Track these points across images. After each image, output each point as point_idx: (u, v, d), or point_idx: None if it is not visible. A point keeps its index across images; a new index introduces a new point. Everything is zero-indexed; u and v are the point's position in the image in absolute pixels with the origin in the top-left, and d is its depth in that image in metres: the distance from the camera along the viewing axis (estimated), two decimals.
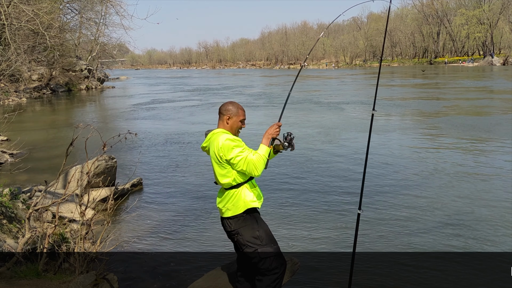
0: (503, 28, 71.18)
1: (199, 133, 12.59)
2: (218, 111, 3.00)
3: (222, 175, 2.87)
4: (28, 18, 16.69)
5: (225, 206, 2.91)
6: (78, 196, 5.26)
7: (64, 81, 36.21)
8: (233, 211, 2.88)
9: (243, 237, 2.87)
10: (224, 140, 2.81)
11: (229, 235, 3.00)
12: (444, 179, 7.17)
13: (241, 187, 2.88)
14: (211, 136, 2.95)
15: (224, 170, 2.86)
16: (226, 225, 2.94)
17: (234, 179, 2.85)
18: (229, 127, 2.94)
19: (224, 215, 2.94)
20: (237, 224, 2.88)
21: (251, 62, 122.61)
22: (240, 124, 2.97)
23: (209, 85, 39.70)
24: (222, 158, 2.82)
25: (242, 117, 2.98)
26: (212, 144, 2.90)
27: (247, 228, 2.87)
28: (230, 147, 2.78)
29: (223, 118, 2.95)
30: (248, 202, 2.87)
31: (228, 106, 2.96)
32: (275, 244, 2.92)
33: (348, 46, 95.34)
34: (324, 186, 6.96)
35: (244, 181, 2.89)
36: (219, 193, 3.01)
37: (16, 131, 12.29)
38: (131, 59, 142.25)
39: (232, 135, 2.89)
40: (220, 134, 2.88)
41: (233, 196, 2.87)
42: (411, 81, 35.89)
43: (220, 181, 2.91)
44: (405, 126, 13.24)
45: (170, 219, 5.81)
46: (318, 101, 21.03)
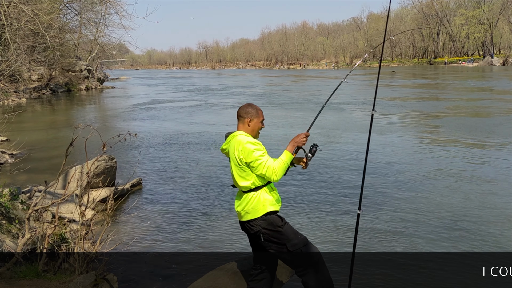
0: (503, 28, 71.19)
1: (199, 134, 12.59)
2: (237, 115, 3.00)
3: (241, 177, 2.88)
4: (28, 19, 16.69)
5: (244, 209, 2.90)
6: (78, 196, 5.26)
7: (64, 82, 36.21)
8: (252, 214, 2.87)
9: (268, 236, 2.86)
10: (245, 143, 2.82)
11: (251, 237, 2.99)
12: (444, 180, 7.17)
13: (260, 190, 2.88)
14: (231, 139, 2.96)
15: (244, 172, 2.86)
16: (248, 228, 2.93)
17: (253, 182, 2.86)
18: (250, 129, 2.96)
19: (243, 219, 2.93)
20: (259, 226, 2.87)
21: (251, 62, 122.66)
22: (260, 125, 3.00)
23: (209, 85, 39.71)
24: (242, 161, 2.83)
25: (262, 118, 3.01)
26: (233, 146, 2.90)
27: (271, 227, 2.86)
28: (250, 150, 2.79)
29: (244, 121, 2.96)
30: (267, 206, 2.87)
31: (248, 109, 2.98)
32: (300, 235, 2.92)
33: (347, 46, 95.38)
34: (324, 186, 6.96)
35: (263, 185, 2.89)
36: (237, 196, 3.01)
37: (16, 132, 12.28)
38: (131, 59, 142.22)
39: (253, 138, 2.90)
40: (241, 137, 2.89)
41: (251, 200, 2.87)
42: (411, 81, 35.92)
43: (239, 184, 2.91)
44: (405, 126, 13.25)
45: (170, 219, 5.81)
46: (318, 101, 21.03)
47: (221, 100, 24.09)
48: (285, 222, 2.92)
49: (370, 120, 3.23)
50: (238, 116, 3.01)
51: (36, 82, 33.16)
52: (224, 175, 7.75)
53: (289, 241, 2.85)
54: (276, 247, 2.87)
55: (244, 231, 3.02)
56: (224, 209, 6.09)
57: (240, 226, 3.03)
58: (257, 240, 2.94)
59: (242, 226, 3.01)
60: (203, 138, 11.86)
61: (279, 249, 2.87)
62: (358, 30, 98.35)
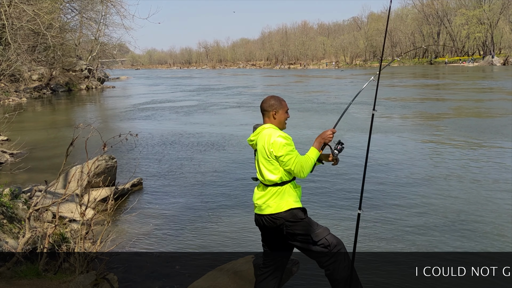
0: (503, 28, 71.12)
1: (199, 134, 12.59)
2: (261, 109, 2.97)
3: (269, 171, 2.83)
4: (28, 18, 16.70)
5: (266, 202, 2.85)
6: (78, 196, 5.25)
7: (64, 81, 36.23)
8: (274, 208, 2.83)
9: (292, 229, 2.83)
10: (276, 137, 2.79)
11: (270, 231, 2.93)
12: (445, 180, 7.17)
13: (285, 186, 2.85)
14: (260, 131, 2.91)
15: (272, 166, 2.82)
16: (268, 221, 2.87)
17: (281, 177, 2.83)
18: (277, 121, 2.92)
19: (263, 212, 2.88)
20: (282, 219, 2.83)
21: (251, 62, 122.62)
22: (286, 115, 2.97)
23: (209, 85, 39.71)
24: (271, 154, 2.79)
25: (287, 108, 2.98)
26: (262, 138, 2.85)
27: (294, 219, 2.83)
28: (282, 144, 2.77)
29: (270, 115, 2.92)
30: (291, 202, 2.85)
31: (271, 101, 2.94)
32: (322, 226, 2.91)
33: (348, 46, 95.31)
34: (324, 186, 6.96)
35: (289, 180, 2.87)
36: (259, 189, 2.95)
37: (16, 131, 12.28)
38: (132, 59, 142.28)
39: (283, 132, 2.87)
40: (271, 130, 2.86)
41: (275, 194, 2.84)
42: (412, 82, 35.91)
43: (266, 177, 2.85)
44: (406, 126, 13.24)
45: (170, 219, 5.81)
46: (318, 102, 21.02)
47: (221, 100, 24.09)
48: (306, 215, 2.91)
49: (371, 120, 3.23)
50: (262, 110, 2.96)
51: (36, 82, 33.18)
52: (224, 175, 7.75)
53: (313, 231, 2.84)
54: (301, 238, 2.84)
55: (259, 225, 2.97)
56: (225, 209, 6.09)
57: (256, 220, 2.97)
58: (278, 234, 2.89)
59: (259, 219, 2.94)
60: (203, 138, 11.86)
61: (304, 240, 2.84)
62: (358, 30, 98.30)
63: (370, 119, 3.23)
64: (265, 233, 3.00)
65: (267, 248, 3.04)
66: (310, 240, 2.83)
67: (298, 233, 2.85)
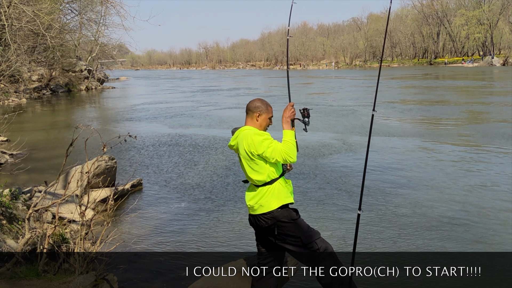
0: (503, 28, 71.13)
1: (199, 134, 12.59)
2: (246, 109, 2.97)
3: (254, 171, 2.84)
4: (28, 19, 16.71)
5: (258, 202, 2.86)
6: (78, 196, 5.25)
7: (64, 82, 36.19)
8: (266, 207, 2.84)
9: (283, 229, 2.83)
10: (253, 135, 2.80)
11: (262, 231, 2.93)
12: (445, 181, 7.17)
13: (275, 183, 2.85)
14: (238, 134, 2.92)
15: (257, 166, 2.83)
16: (261, 221, 2.88)
17: (268, 175, 2.83)
18: (258, 124, 2.92)
19: (256, 212, 2.89)
20: (274, 219, 2.83)
21: (251, 63, 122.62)
22: (269, 121, 2.96)
23: (209, 85, 39.70)
24: (254, 154, 2.80)
25: (271, 114, 2.98)
26: (242, 141, 2.86)
27: (286, 219, 2.83)
28: (259, 141, 2.77)
29: (253, 116, 2.92)
30: (282, 198, 2.85)
31: (257, 103, 2.94)
32: (313, 229, 2.91)
33: (348, 46, 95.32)
34: (324, 186, 6.96)
35: (277, 177, 2.87)
36: (249, 190, 2.96)
37: (16, 132, 12.28)
38: (131, 60, 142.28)
39: (258, 130, 2.87)
40: (247, 131, 2.86)
41: (266, 193, 2.84)
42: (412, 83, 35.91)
43: (253, 178, 2.86)
44: (406, 128, 13.24)
45: (170, 219, 5.81)
46: (318, 102, 21.03)
47: (221, 100, 24.08)
48: (299, 216, 2.91)
49: (371, 120, 3.23)
50: (247, 110, 2.97)
51: (36, 83, 33.14)
52: (224, 175, 7.76)
53: (304, 233, 2.84)
54: (291, 240, 2.85)
55: (253, 226, 2.98)
56: (224, 209, 6.09)
57: (250, 220, 2.99)
58: (270, 234, 2.89)
59: (252, 220, 2.96)
60: (203, 138, 11.86)
61: (294, 242, 2.84)
62: (358, 31, 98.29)
63: (370, 119, 3.23)
64: (259, 233, 3.01)
65: (262, 248, 3.05)
66: (300, 243, 2.84)
67: (289, 234, 2.85)
